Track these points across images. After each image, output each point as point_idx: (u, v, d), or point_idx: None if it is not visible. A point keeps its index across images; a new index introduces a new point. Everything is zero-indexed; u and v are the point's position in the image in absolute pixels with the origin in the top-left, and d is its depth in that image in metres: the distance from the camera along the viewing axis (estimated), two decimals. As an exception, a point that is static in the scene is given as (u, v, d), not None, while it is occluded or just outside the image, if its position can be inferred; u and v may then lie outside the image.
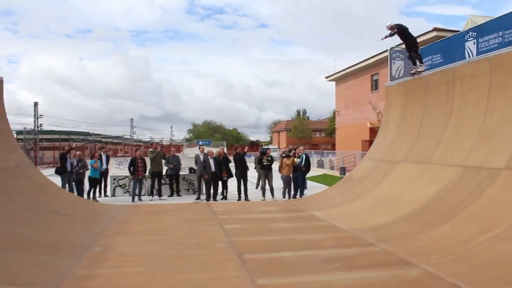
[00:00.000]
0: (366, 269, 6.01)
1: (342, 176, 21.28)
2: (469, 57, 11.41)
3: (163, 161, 16.43)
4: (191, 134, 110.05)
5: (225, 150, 18.67)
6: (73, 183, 14.58)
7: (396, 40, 12.55)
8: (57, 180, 14.37)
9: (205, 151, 15.52)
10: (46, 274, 5.88)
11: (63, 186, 14.17)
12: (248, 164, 15.47)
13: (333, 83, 41.01)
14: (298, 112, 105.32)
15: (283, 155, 15.72)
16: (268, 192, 14.91)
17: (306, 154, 16.04)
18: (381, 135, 13.94)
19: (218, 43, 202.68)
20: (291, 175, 15.04)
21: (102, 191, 16.47)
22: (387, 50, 14.32)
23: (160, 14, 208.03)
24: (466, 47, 11.82)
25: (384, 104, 15.68)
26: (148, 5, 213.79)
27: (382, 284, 5.34)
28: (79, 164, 14.63)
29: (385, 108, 15.03)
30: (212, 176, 14.91)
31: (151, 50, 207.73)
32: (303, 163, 15.26)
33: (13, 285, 5.23)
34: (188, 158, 19.26)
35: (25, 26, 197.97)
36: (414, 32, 12.33)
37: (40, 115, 45.78)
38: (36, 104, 45.44)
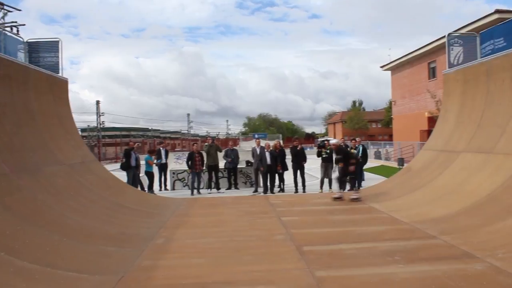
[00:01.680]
0: (428, 262, 5.88)
1: (400, 167, 20.84)
2: (536, 39, 10.81)
3: (220, 155, 16.66)
4: (246, 128, 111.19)
5: (281, 142, 18.64)
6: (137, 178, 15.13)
7: (455, 25, 12.05)
8: (122, 175, 14.99)
9: (262, 144, 15.62)
10: (113, 264, 6.17)
11: (128, 181, 14.73)
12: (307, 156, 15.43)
13: (389, 72, 40.12)
14: (354, 103, 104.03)
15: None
16: (326, 184, 14.85)
17: (363, 145, 15.82)
18: (440, 125, 13.50)
19: (269, 36, 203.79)
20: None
21: (163, 185, 16.94)
22: (444, 36, 13.77)
23: (211, 10, 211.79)
24: (532, 28, 11.17)
25: (442, 92, 15.18)
26: (199, 1, 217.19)
27: (445, 278, 5.21)
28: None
29: (443, 96, 14.54)
30: (268, 169, 14.99)
31: (204, 46, 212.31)
32: (360, 155, 15.08)
33: (83, 273, 5.54)
34: (244, 152, 19.45)
35: (85, 29, 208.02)
36: (474, 15, 11.78)
37: (102, 113, 47.72)
38: (98, 102, 47.36)
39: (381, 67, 40.51)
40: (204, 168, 16.09)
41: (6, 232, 5.87)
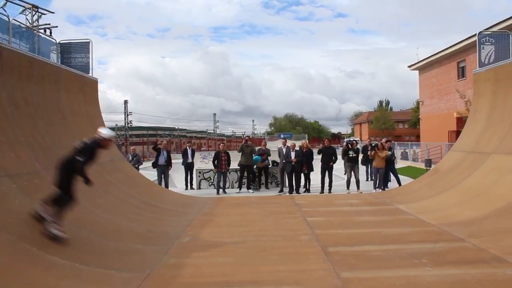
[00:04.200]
0: (456, 266, 5.79)
1: (428, 168, 20.50)
2: None
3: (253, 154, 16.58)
4: (272, 128, 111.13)
5: (308, 142, 18.48)
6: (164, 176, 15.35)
7: (486, 23, 11.76)
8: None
9: (288, 144, 15.57)
10: (140, 261, 6.27)
11: (158, 178, 15.19)
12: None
13: (417, 72, 39.54)
14: (380, 103, 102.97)
15: (370, 147, 15.50)
16: (353, 185, 14.70)
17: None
18: (469, 125, 13.23)
19: (295, 35, 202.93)
20: (381, 167, 14.62)
21: (189, 184, 17.03)
22: (474, 35, 13.50)
23: (237, 9, 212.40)
24: None
25: (472, 92, 14.90)
26: (226, 1, 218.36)
27: (474, 282, 5.12)
28: (134, 159, 15.43)
29: (473, 96, 14.27)
30: (293, 169, 14.91)
31: (230, 45, 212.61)
32: (393, 157, 14.95)
33: (111, 269, 5.65)
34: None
35: (112, 29, 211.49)
36: (506, 13, 11.48)
37: (130, 112, 48.49)
38: (126, 102, 48.16)
39: (409, 66, 39.97)
40: (229, 167, 16.04)
41: (38, 228, 6.02)
